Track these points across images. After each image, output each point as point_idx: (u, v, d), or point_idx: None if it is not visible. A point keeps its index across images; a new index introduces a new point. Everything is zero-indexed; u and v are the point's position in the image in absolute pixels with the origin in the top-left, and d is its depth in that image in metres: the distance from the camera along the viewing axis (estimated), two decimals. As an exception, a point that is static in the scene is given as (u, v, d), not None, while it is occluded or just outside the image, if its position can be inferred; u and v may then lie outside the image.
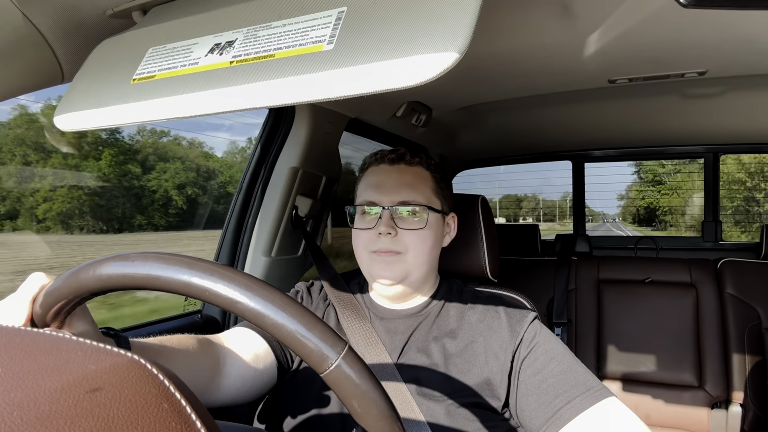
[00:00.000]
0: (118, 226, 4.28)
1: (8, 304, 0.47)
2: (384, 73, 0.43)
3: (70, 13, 0.67)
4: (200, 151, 4.62)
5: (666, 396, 1.81)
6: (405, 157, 0.89)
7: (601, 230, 19.84)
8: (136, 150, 4.65)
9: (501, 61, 1.09)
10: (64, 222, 4.02)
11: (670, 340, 1.84)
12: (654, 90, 1.38)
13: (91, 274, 0.42)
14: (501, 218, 22.64)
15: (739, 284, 1.84)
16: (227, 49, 0.54)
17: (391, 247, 0.83)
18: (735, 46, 0.99)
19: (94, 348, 0.30)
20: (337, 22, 0.49)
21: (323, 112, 1.26)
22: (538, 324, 0.82)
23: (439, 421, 0.74)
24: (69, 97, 0.63)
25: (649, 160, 6.61)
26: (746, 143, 2.13)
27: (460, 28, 0.41)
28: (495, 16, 0.85)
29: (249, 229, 1.26)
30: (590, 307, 1.98)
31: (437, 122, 1.65)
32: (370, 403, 0.38)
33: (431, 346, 0.82)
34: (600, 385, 0.72)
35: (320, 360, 0.38)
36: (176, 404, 0.27)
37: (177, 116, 0.53)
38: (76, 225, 3.98)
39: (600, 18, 0.87)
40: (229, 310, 0.39)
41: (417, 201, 0.85)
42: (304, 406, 0.80)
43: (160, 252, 0.41)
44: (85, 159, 4.07)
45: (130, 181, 4.76)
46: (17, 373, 0.25)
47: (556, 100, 1.44)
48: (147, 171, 4.55)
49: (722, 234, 2.34)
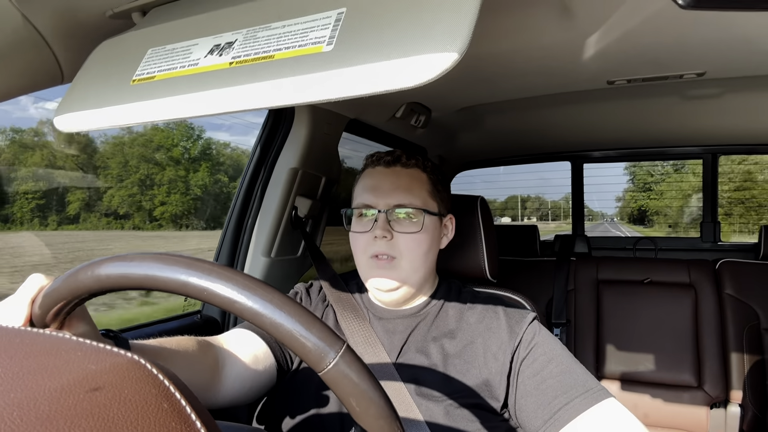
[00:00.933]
0: (213, 224, 5.19)
1: (7, 306, 0.47)
2: (383, 74, 0.43)
3: (70, 14, 0.67)
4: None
5: (665, 396, 1.81)
6: (401, 160, 0.89)
7: (600, 229, 21.43)
8: (223, 162, 5.73)
9: (500, 62, 1.09)
10: (174, 221, 5.41)
11: (669, 341, 1.84)
12: (653, 91, 1.38)
13: (90, 274, 0.42)
14: (507, 218, 24.13)
15: (737, 285, 1.84)
16: (227, 50, 0.54)
17: (387, 251, 0.82)
18: (734, 47, 1.00)
19: (94, 348, 0.30)
20: (336, 23, 0.49)
21: (323, 113, 1.26)
22: (537, 325, 0.82)
23: (438, 421, 0.74)
24: (69, 97, 0.63)
25: (646, 161, 6.72)
26: (745, 144, 2.13)
27: (459, 29, 0.41)
28: (494, 17, 0.85)
29: (249, 230, 1.27)
30: (589, 307, 1.98)
31: (437, 123, 1.65)
32: (369, 401, 0.38)
33: (430, 346, 0.82)
34: (599, 386, 0.72)
35: (318, 359, 0.38)
36: (176, 404, 0.27)
37: (177, 117, 0.53)
38: (183, 224, 5.22)
39: (599, 19, 0.87)
40: (227, 309, 0.39)
41: (413, 204, 0.85)
42: (303, 406, 0.80)
43: (158, 252, 0.42)
44: (187, 171, 5.37)
45: (220, 188, 5.98)
46: (17, 373, 0.25)
47: (556, 101, 1.45)
48: (232, 179, 5.51)
49: (721, 234, 2.35)
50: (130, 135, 3.79)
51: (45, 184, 6.05)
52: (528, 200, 31.13)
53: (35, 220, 5.94)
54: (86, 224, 6.96)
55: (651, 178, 19.10)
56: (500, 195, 22.96)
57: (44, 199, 6.08)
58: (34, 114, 8.13)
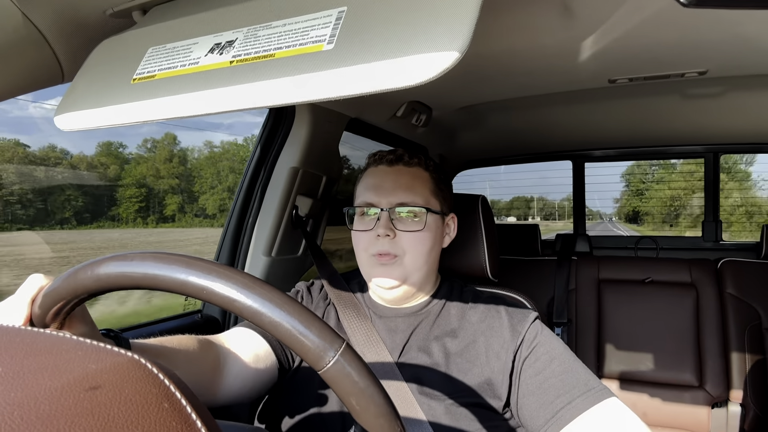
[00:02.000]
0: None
1: (7, 306, 0.47)
2: (384, 73, 0.43)
3: (70, 13, 0.67)
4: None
5: (666, 395, 1.81)
6: (403, 158, 0.89)
7: (599, 228, 23.18)
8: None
9: (501, 60, 1.09)
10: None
11: (670, 340, 1.84)
12: (654, 90, 1.38)
13: (89, 274, 0.42)
14: (512, 218, 25.90)
15: (739, 284, 1.84)
16: (227, 48, 0.54)
17: (390, 249, 0.83)
18: (736, 45, 0.99)
19: (95, 347, 0.30)
20: (337, 22, 0.49)
21: (323, 112, 1.26)
22: (539, 324, 0.82)
23: (440, 420, 0.74)
24: (69, 97, 0.63)
25: (647, 160, 6.86)
26: (746, 143, 2.13)
27: (460, 28, 0.41)
28: (495, 16, 0.85)
29: (249, 229, 1.26)
30: (590, 306, 1.98)
31: (437, 122, 1.65)
32: (369, 400, 0.38)
33: (432, 345, 0.82)
34: (601, 386, 0.72)
35: (318, 357, 0.38)
36: (177, 404, 0.27)
37: (177, 116, 0.53)
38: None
39: (600, 18, 0.87)
40: (226, 308, 0.39)
41: (415, 202, 0.85)
42: (304, 405, 0.80)
43: (157, 251, 0.41)
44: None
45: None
46: (18, 372, 0.25)
47: (557, 99, 1.44)
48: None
49: (722, 234, 2.35)
50: (218, 149, 4.73)
51: (145, 191, 7.26)
52: (532, 200, 32.65)
53: (138, 219, 7.26)
54: (180, 223, 8.33)
55: (642, 185, 24.59)
56: (499, 195, 23.95)
57: (144, 203, 7.55)
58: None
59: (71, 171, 7.32)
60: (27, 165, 6.83)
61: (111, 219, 7.43)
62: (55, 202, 6.94)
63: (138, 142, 8.09)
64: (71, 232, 6.97)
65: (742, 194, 19.27)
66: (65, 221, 7.16)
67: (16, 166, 6.66)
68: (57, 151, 7.40)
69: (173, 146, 11.46)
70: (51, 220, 7.01)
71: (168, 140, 10.64)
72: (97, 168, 7.70)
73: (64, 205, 7.03)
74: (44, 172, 6.98)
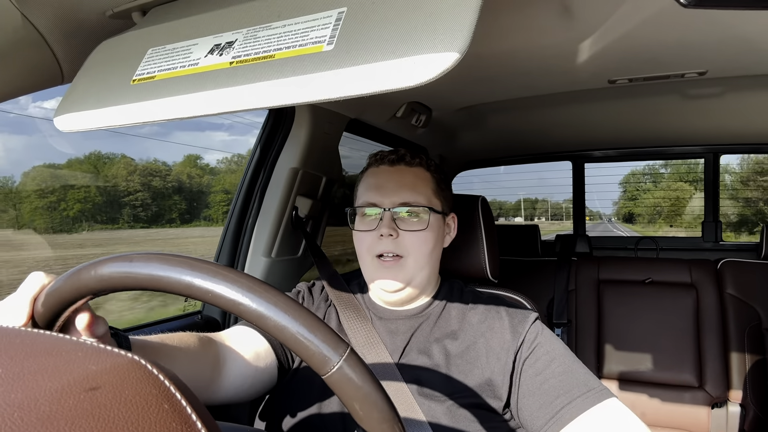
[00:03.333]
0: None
1: (9, 304, 0.47)
2: (384, 74, 0.43)
3: (70, 14, 0.67)
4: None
5: (666, 396, 1.81)
6: (405, 158, 0.89)
7: (600, 228, 23.85)
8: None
9: (501, 61, 1.09)
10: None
11: (670, 341, 1.84)
12: (654, 90, 1.38)
13: (93, 274, 0.42)
14: (519, 218, 28.20)
15: (739, 284, 1.84)
16: (227, 49, 0.54)
17: (393, 249, 0.83)
18: (735, 46, 0.99)
19: (95, 348, 0.30)
20: (337, 23, 0.49)
21: (323, 112, 1.26)
22: (540, 325, 0.82)
23: (440, 421, 0.74)
24: (69, 97, 0.63)
25: (647, 161, 6.91)
26: (746, 143, 2.13)
27: (460, 29, 0.41)
28: (495, 17, 0.85)
29: (249, 230, 1.26)
30: (590, 307, 1.98)
31: (437, 123, 1.65)
32: (372, 405, 0.38)
33: (432, 346, 0.82)
34: (601, 386, 0.72)
35: (322, 363, 0.38)
36: (177, 405, 0.27)
37: (177, 117, 0.53)
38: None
39: (600, 18, 0.87)
40: (231, 311, 0.39)
41: (418, 202, 0.85)
42: (304, 405, 0.80)
43: (161, 252, 0.41)
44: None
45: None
46: (17, 373, 0.25)
47: (557, 100, 1.44)
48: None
49: (722, 234, 2.35)
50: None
51: (231, 197, 9.11)
52: (537, 202, 34.48)
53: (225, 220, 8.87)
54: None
55: (636, 191, 28.23)
56: (499, 195, 24.62)
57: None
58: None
59: (176, 180, 9.68)
60: (146, 176, 9.03)
61: (205, 219, 9.64)
62: (164, 206, 9.33)
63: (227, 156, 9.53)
64: (176, 230, 9.19)
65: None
66: (172, 221, 9.47)
67: (139, 178, 8.78)
68: (159, 163, 9.87)
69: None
70: (162, 220, 9.29)
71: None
72: (194, 178, 10.16)
73: (171, 208, 9.51)
74: (159, 181, 9.14)
